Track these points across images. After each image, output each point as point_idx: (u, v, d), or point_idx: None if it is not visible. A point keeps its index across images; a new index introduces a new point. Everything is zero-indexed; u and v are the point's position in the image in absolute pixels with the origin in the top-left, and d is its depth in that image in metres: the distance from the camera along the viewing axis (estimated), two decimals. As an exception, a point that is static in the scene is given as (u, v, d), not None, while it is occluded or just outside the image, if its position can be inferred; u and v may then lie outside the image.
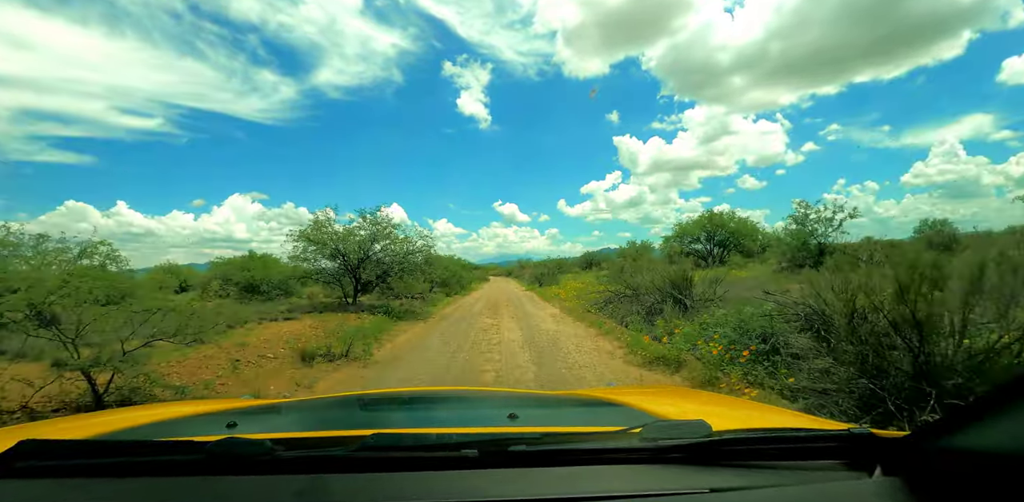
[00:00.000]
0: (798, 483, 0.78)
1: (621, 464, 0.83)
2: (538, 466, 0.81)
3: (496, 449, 0.81)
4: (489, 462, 0.80)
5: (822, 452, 0.86)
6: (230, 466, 0.79)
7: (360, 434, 0.85)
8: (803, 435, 0.89)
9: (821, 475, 0.81)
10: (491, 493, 0.73)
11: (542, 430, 1.04)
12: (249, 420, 1.42)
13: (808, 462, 0.85)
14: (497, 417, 1.38)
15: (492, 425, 1.23)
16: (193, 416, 1.47)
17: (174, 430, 1.28)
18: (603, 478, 0.78)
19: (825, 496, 0.74)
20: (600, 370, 5.55)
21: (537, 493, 0.73)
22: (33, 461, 0.80)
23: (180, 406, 1.81)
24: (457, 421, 1.50)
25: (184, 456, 0.81)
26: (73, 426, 1.32)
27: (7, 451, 0.78)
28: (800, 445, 0.86)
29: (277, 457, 0.79)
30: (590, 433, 1.02)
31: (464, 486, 0.75)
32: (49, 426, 1.41)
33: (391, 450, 0.81)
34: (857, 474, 0.81)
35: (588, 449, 0.85)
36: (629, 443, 0.85)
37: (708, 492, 0.74)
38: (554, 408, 1.74)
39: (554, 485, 0.76)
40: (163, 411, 1.58)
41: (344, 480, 0.77)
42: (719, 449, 0.83)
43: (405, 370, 5.97)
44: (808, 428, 0.99)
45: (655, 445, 0.83)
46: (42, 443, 0.80)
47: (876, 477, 0.79)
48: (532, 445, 0.82)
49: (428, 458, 0.81)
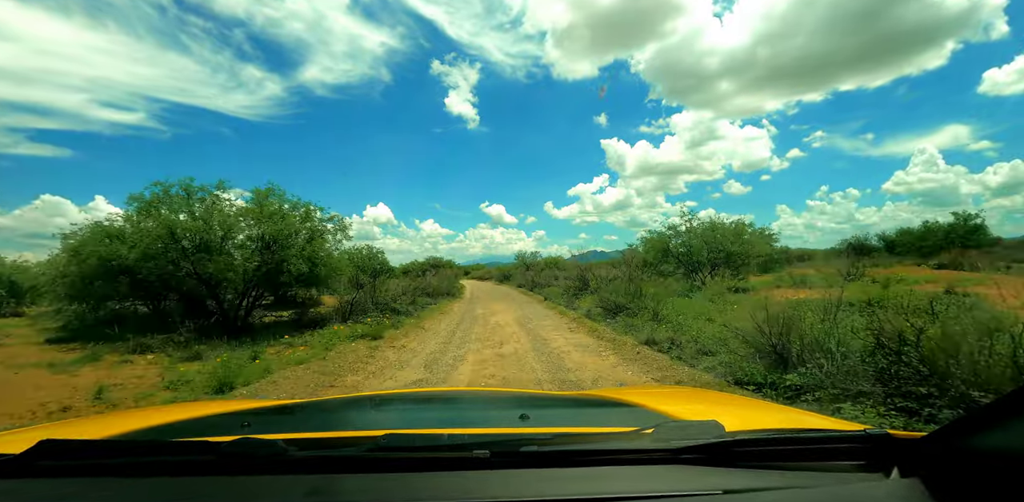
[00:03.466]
0: (813, 485, 0.76)
1: (633, 465, 0.82)
2: (550, 467, 0.80)
3: (508, 450, 0.81)
4: (501, 463, 0.80)
5: (838, 453, 0.85)
6: (244, 466, 0.80)
7: (372, 434, 0.86)
8: (818, 436, 0.88)
9: (836, 477, 0.80)
10: (503, 494, 0.73)
11: (554, 431, 1.04)
12: (263, 421, 1.43)
13: (823, 463, 0.84)
14: (508, 418, 1.38)
15: (504, 426, 1.23)
16: (208, 416, 1.49)
17: (189, 430, 1.30)
18: (615, 479, 0.78)
19: (841, 498, 0.73)
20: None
21: (549, 494, 0.73)
22: (53, 460, 0.81)
23: (195, 407, 1.84)
24: (468, 422, 1.50)
25: (199, 456, 0.82)
26: (91, 426, 1.35)
27: (28, 451, 0.79)
28: (815, 446, 0.85)
29: (290, 457, 0.79)
30: (602, 433, 1.02)
31: (476, 487, 0.75)
32: (68, 426, 1.45)
33: (403, 450, 0.82)
34: (874, 476, 0.80)
35: (600, 449, 0.84)
36: (641, 444, 0.84)
37: (721, 493, 0.73)
38: (565, 408, 1.73)
39: (566, 486, 0.76)
40: (178, 411, 1.60)
41: (356, 480, 0.77)
42: (732, 450, 0.82)
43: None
44: (823, 429, 0.98)
45: (668, 446, 0.83)
46: (61, 443, 0.82)
47: (893, 478, 0.78)
48: (544, 445, 0.82)
49: (440, 459, 0.82)
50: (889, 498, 0.72)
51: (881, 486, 0.76)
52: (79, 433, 1.20)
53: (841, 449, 0.85)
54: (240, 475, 0.80)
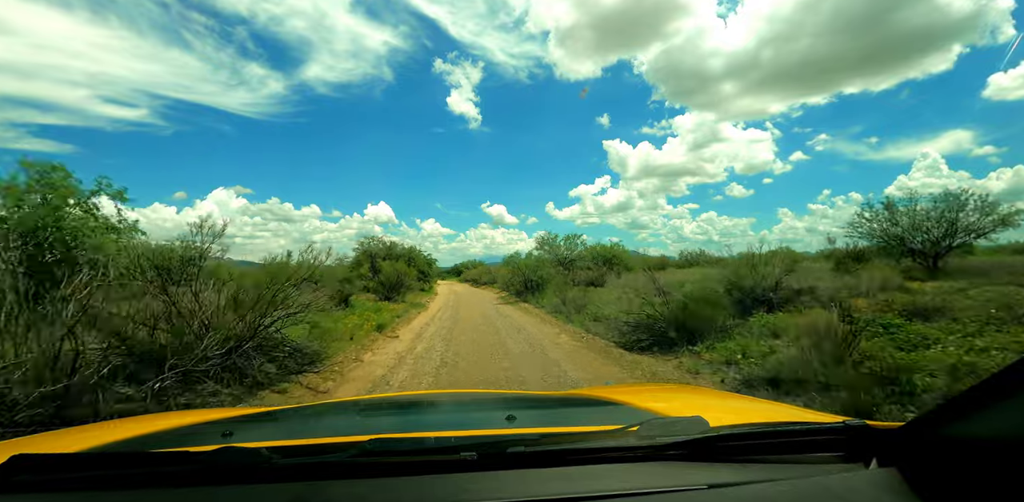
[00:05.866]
0: (795, 477, 0.78)
1: (619, 463, 0.83)
2: (537, 467, 0.81)
3: (495, 451, 0.81)
4: (488, 464, 0.80)
5: (819, 445, 0.87)
6: (228, 476, 0.79)
7: (358, 440, 0.85)
8: (798, 428, 0.90)
9: (818, 468, 0.82)
10: (491, 495, 0.73)
11: (540, 431, 1.04)
12: (245, 429, 1.40)
13: (805, 455, 0.86)
14: (495, 419, 1.38)
15: (490, 427, 1.23)
16: (188, 426, 1.45)
17: (169, 441, 1.27)
18: (602, 477, 0.79)
19: (822, 488, 0.74)
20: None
21: (537, 494, 0.73)
22: (28, 475, 0.78)
23: (174, 417, 1.79)
24: (455, 424, 1.50)
25: (181, 467, 0.80)
26: (68, 439, 1.31)
27: (0, 466, 0.77)
28: (796, 439, 0.87)
29: (275, 465, 0.78)
30: (588, 433, 1.02)
31: (464, 489, 0.75)
32: (43, 439, 1.39)
33: (389, 455, 0.81)
34: (853, 466, 0.82)
35: (586, 448, 0.85)
36: (627, 441, 0.85)
37: (706, 488, 0.74)
38: (551, 408, 1.74)
39: (553, 485, 0.76)
40: (157, 422, 1.56)
41: (343, 486, 0.77)
42: (716, 445, 0.84)
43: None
44: (803, 421, 1.00)
45: (652, 443, 0.84)
46: (36, 457, 0.79)
47: (872, 468, 0.80)
48: (530, 446, 0.82)
49: (427, 462, 0.81)
50: (868, 487, 0.74)
51: (860, 476, 0.78)
52: (54, 446, 1.16)
53: (822, 441, 0.87)
54: (223, 485, 0.78)
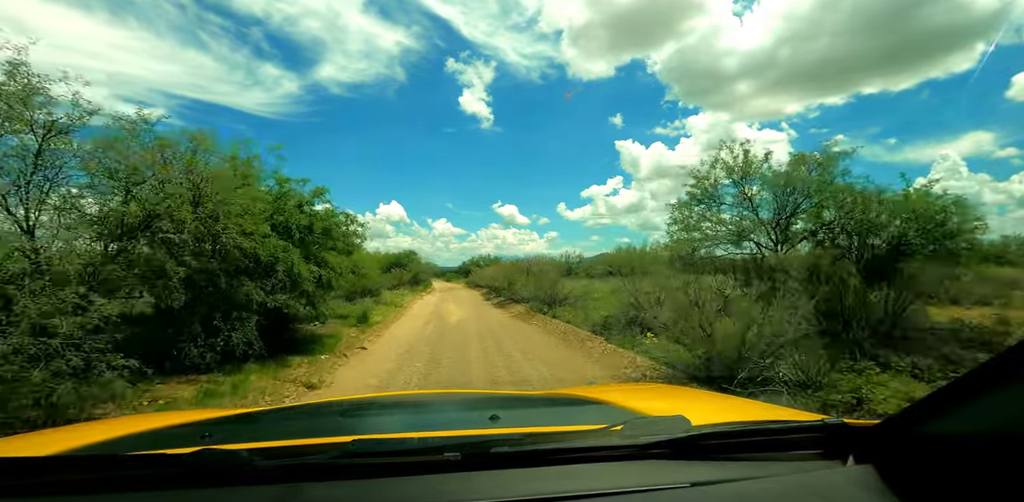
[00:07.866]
0: (776, 474, 0.80)
1: (603, 462, 0.84)
2: (521, 467, 0.81)
3: (478, 451, 0.81)
4: (472, 464, 0.80)
5: (798, 443, 0.89)
6: (207, 478, 0.77)
7: (340, 441, 0.84)
8: (779, 427, 0.92)
9: (797, 466, 0.84)
10: (475, 495, 0.73)
11: (524, 431, 1.04)
12: (225, 431, 1.37)
13: (785, 453, 0.87)
14: (479, 419, 1.38)
15: (474, 427, 1.23)
16: (165, 428, 1.42)
17: (146, 443, 1.24)
18: (585, 476, 0.79)
19: (802, 485, 0.76)
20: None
21: (521, 494, 0.73)
22: (2, 479, 0.76)
23: (151, 419, 1.75)
24: (439, 424, 1.49)
25: (159, 469, 0.79)
26: (41, 441, 1.26)
27: None
28: (777, 437, 0.89)
29: (254, 467, 0.77)
30: (571, 432, 1.02)
31: (447, 489, 0.75)
32: (15, 442, 1.35)
33: (372, 456, 0.80)
34: (832, 463, 0.84)
35: (570, 448, 0.85)
36: (610, 441, 0.86)
37: (689, 486, 0.75)
38: (535, 408, 1.74)
39: (537, 485, 0.76)
40: (134, 424, 1.52)
41: (325, 488, 0.76)
42: (699, 443, 0.85)
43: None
44: (784, 420, 1.02)
45: (636, 442, 0.84)
46: (10, 460, 0.76)
47: (849, 465, 0.82)
48: (514, 446, 0.82)
49: (410, 463, 0.81)
50: (846, 484, 0.76)
51: (839, 473, 0.80)
52: (28, 449, 1.12)
53: (801, 439, 0.89)
54: (202, 487, 0.77)
